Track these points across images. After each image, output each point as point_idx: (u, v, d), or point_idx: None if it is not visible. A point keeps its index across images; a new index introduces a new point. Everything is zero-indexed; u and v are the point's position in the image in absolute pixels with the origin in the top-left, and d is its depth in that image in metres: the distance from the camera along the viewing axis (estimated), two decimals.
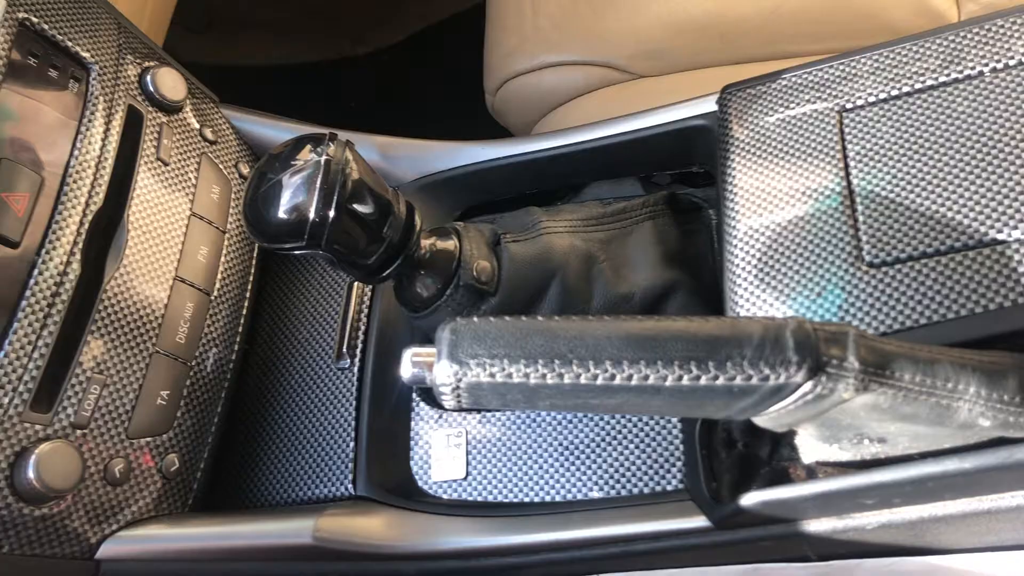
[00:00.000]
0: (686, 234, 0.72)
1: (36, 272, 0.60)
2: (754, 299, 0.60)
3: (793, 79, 0.66)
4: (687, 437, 0.63)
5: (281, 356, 0.76)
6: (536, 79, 1.01)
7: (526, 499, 0.65)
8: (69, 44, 0.68)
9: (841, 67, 0.65)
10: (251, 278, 0.76)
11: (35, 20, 0.66)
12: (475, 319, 0.47)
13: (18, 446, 0.58)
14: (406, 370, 0.48)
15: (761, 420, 0.49)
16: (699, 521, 0.58)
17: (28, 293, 0.60)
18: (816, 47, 0.93)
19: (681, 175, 0.78)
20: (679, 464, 0.63)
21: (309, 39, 1.93)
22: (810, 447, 0.56)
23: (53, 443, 0.59)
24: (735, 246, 0.63)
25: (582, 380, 0.45)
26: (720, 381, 0.45)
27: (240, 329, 0.74)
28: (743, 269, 0.61)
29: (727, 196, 0.65)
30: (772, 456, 0.60)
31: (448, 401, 0.47)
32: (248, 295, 0.76)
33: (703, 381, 0.45)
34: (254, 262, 0.77)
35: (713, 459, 0.60)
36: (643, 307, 0.67)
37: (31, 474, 0.57)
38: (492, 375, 0.45)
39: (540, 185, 0.80)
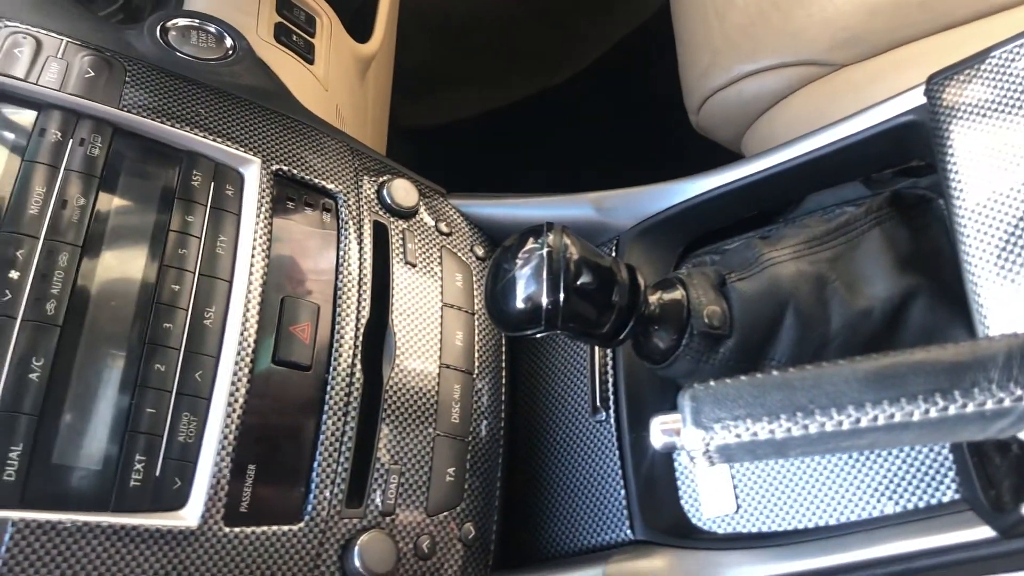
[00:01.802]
0: (918, 232, 0.70)
1: (328, 387, 0.70)
2: (997, 296, 0.58)
3: (1003, 56, 0.63)
4: (955, 446, 0.62)
5: (542, 417, 0.82)
6: (736, 91, 1.02)
7: (799, 526, 0.67)
8: (316, 181, 0.78)
9: None
10: (503, 350, 0.83)
11: (286, 168, 0.77)
12: (712, 383, 0.50)
13: (343, 540, 0.67)
14: (656, 439, 0.52)
15: None
16: (983, 532, 0.57)
17: (326, 407, 0.70)
18: None
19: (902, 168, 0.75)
20: (951, 474, 0.62)
21: (509, 81, 2.02)
22: None
23: (370, 533, 0.68)
24: (969, 244, 0.61)
25: (827, 428, 0.47)
26: (970, 408, 0.45)
27: (503, 398, 0.81)
28: (981, 268, 0.59)
29: (952, 192, 0.63)
30: None
31: (701, 463, 0.50)
32: (504, 366, 0.83)
33: (952, 411, 0.45)
34: (503, 335, 0.84)
35: (987, 465, 0.59)
36: (884, 319, 0.66)
37: (357, 563, 0.66)
38: (738, 436, 0.48)
39: (756, 207, 0.80)
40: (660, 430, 0.51)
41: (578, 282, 0.61)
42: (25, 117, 0.69)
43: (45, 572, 0.57)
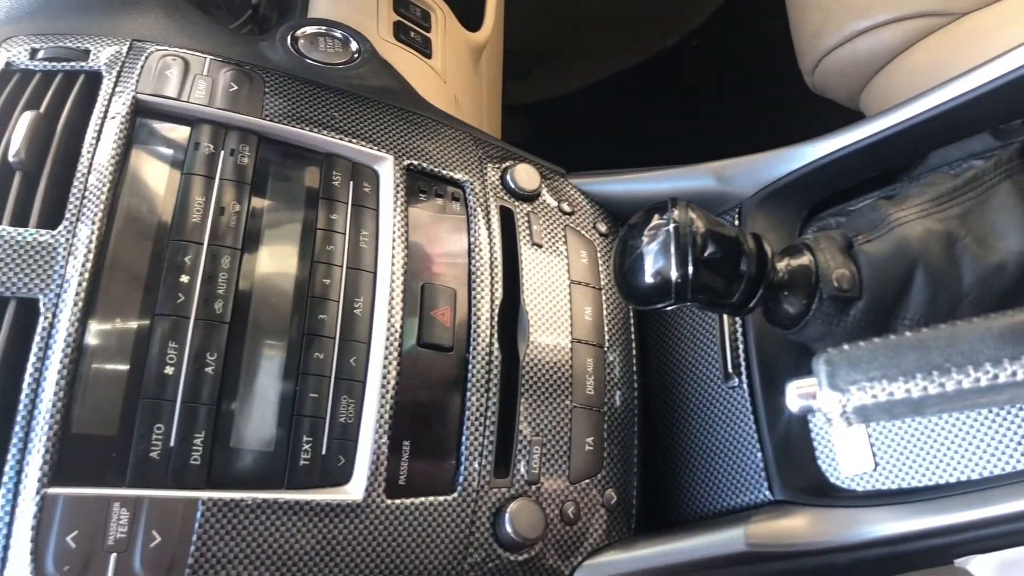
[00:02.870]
0: None
1: (470, 366, 0.75)
2: None
3: None
4: None
5: (674, 385, 0.84)
6: (850, 49, 1.00)
7: (940, 481, 0.67)
8: (445, 172, 0.82)
9: None
10: (631, 322, 0.86)
11: (416, 162, 0.81)
12: (846, 346, 0.52)
13: (493, 508, 0.72)
14: (793, 403, 0.54)
15: None
16: None
17: (469, 384, 0.74)
18: None
19: None
20: None
21: (618, 49, 2.02)
22: None
23: (519, 501, 0.72)
24: None
25: (964, 385, 0.48)
26: None
27: (634, 368, 0.84)
28: None
29: None
30: None
31: (838, 424, 0.52)
32: (633, 337, 0.85)
33: None
34: (630, 309, 0.87)
35: None
36: (1019, 273, 0.65)
37: (508, 529, 0.71)
38: (875, 396, 0.50)
39: (881, 166, 0.80)
40: (796, 394, 0.53)
41: (705, 254, 0.63)
42: (180, 133, 0.75)
43: (233, 544, 0.63)
